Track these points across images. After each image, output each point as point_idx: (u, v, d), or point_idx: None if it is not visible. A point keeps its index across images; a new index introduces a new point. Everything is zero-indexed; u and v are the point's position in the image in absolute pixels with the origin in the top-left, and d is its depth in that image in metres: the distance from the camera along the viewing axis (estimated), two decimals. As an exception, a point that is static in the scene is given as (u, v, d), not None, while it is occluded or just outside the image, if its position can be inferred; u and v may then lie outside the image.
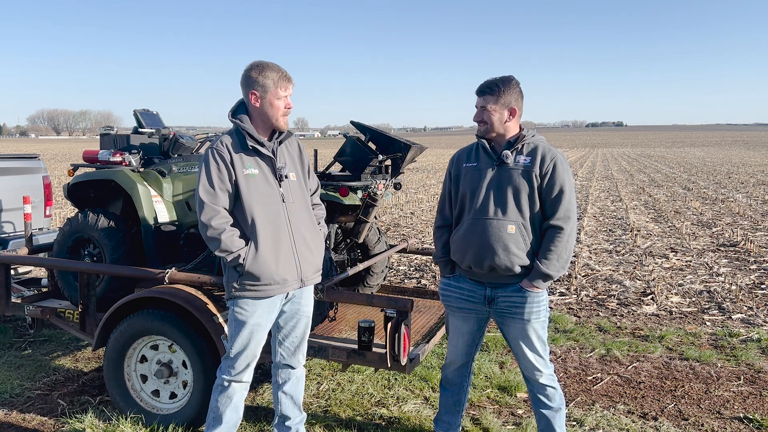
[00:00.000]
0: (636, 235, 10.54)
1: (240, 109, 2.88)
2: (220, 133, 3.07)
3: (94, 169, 4.40)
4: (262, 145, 2.82)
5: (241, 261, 2.74)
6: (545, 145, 2.88)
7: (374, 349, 3.32)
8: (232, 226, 2.78)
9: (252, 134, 2.80)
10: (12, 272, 4.75)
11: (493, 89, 2.86)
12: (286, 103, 2.83)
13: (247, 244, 2.76)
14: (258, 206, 2.78)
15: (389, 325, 3.13)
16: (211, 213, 2.73)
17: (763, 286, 7.08)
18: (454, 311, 3.04)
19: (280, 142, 2.91)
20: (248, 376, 2.95)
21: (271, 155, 2.85)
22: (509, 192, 2.81)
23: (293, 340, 3.02)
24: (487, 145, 2.91)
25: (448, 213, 3.05)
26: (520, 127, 2.93)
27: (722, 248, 9.37)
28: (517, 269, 2.81)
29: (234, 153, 2.78)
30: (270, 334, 3.02)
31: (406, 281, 7.38)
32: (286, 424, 3.07)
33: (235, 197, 2.79)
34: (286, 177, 2.88)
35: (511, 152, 2.84)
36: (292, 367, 3.05)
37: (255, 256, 2.75)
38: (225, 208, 2.77)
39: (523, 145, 2.86)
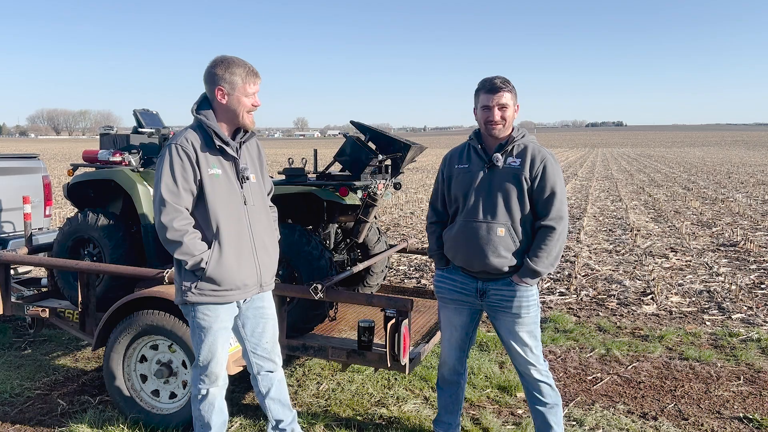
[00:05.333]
0: (636, 235, 10.54)
1: (203, 105, 2.72)
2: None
3: (93, 169, 4.41)
4: (227, 144, 2.70)
5: (203, 265, 2.61)
6: (535, 145, 2.86)
7: (374, 349, 3.32)
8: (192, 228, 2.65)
9: (218, 133, 2.67)
10: (12, 272, 4.75)
11: (508, 84, 2.82)
12: (253, 100, 2.70)
13: (209, 248, 2.64)
14: (222, 208, 2.65)
15: (389, 325, 3.14)
16: (173, 214, 2.57)
17: (763, 286, 7.08)
18: (447, 303, 3.05)
19: (243, 142, 2.79)
20: (224, 379, 2.89)
21: (235, 155, 2.72)
22: (499, 195, 2.80)
23: (265, 347, 2.94)
24: (479, 147, 2.89)
25: (441, 209, 3.07)
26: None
27: (722, 248, 9.37)
28: (506, 269, 2.84)
29: (200, 151, 2.63)
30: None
31: (406, 281, 7.37)
32: (281, 426, 3.03)
33: (198, 198, 2.65)
34: (248, 179, 2.76)
35: (501, 154, 2.83)
36: (272, 371, 2.98)
37: (218, 260, 2.63)
38: (187, 209, 2.63)
39: (513, 147, 2.84)
